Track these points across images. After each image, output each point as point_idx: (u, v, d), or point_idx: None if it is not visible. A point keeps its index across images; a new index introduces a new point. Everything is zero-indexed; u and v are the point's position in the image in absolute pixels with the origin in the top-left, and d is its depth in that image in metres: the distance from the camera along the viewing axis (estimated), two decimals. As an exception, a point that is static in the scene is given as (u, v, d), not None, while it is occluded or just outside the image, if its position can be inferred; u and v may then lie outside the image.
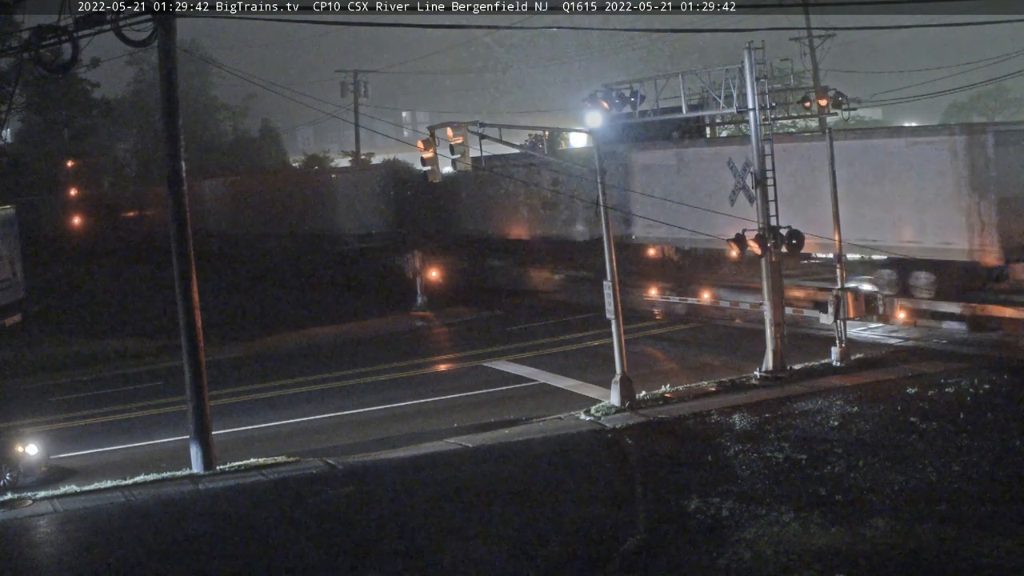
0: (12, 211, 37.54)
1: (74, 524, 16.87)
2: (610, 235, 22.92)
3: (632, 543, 14.89)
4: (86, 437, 22.92)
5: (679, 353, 27.81)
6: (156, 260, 41.76)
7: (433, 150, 22.58)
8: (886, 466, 17.04)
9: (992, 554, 13.66)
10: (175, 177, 19.38)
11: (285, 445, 21.04)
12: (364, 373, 27.65)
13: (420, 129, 62.29)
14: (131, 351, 32.12)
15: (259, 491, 18.02)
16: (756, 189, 24.06)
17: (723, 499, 16.07)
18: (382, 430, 22.10)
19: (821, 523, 14.88)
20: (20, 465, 19.52)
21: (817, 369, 24.06)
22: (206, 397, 19.62)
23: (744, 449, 18.50)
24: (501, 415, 22.49)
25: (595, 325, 28.43)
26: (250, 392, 26.43)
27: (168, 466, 19.60)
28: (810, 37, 48.26)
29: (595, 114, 23.54)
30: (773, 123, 26.16)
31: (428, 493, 17.47)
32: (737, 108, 24.53)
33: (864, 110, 57.28)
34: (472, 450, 19.77)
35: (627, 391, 22.20)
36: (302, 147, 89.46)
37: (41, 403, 26.34)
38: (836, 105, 27.01)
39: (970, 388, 21.10)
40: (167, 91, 19.32)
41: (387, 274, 41.77)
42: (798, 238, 23.55)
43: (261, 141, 76.37)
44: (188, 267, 19.43)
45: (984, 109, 75.24)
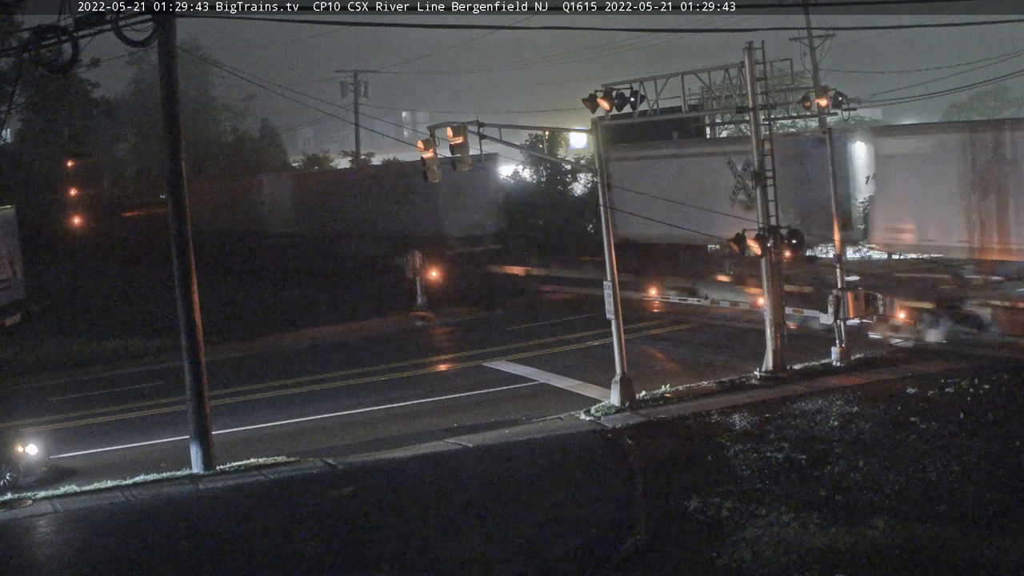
0: (12, 211, 37.56)
1: (74, 524, 16.88)
2: (610, 235, 22.91)
3: (632, 543, 14.90)
4: (86, 437, 22.92)
5: (679, 353, 27.82)
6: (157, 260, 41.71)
7: (433, 150, 22.59)
8: (886, 466, 17.05)
9: (992, 554, 13.66)
10: (175, 177, 19.38)
11: (285, 445, 21.04)
12: (364, 373, 27.65)
13: (420, 129, 62.30)
14: (131, 351, 32.10)
15: (259, 491, 18.02)
16: (756, 189, 24.08)
17: (723, 499, 16.07)
18: (382, 430, 22.11)
19: (821, 523, 14.88)
20: (20, 465, 19.51)
21: (817, 369, 24.07)
22: (206, 397, 19.62)
23: (744, 449, 18.50)
24: (501, 415, 22.49)
25: (596, 324, 28.45)
26: (250, 392, 26.43)
27: (168, 466, 19.61)
28: (810, 37, 48.25)
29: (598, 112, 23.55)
30: (773, 123, 26.20)
31: (428, 493, 17.48)
32: (737, 108, 24.57)
33: (864, 110, 57.33)
34: (472, 450, 19.77)
35: (627, 391, 22.20)
36: (302, 147, 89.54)
37: (41, 403, 26.34)
38: (836, 105, 26.97)
39: (970, 388, 21.11)
40: (167, 91, 19.32)
41: (387, 274, 41.71)
42: (798, 238, 23.56)
43: (261, 141, 76.36)
44: (188, 267, 19.43)
45: (984, 109, 75.27)
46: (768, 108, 24.57)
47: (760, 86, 23.78)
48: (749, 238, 23.33)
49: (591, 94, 23.55)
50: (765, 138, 23.99)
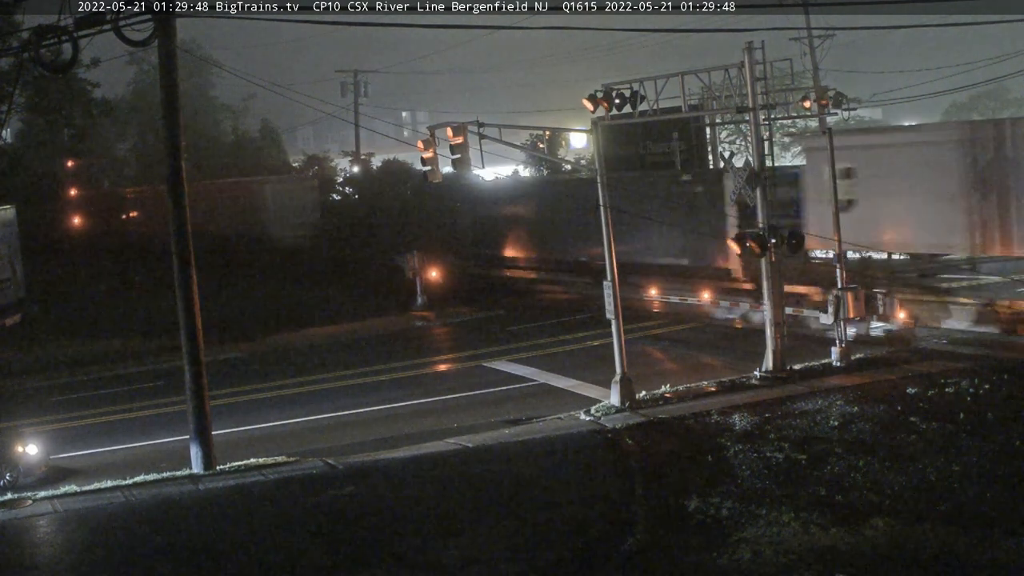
0: (12, 211, 37.53)
1: (74, 524, 16.88)
2: (610, 235, 22.91)
3: (632, 543, 14.89)
4: (86, 437, 22.92)
5: (679, 353, 27.82)
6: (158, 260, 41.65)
7: (433, 150, 22.59)
8: (886, 466, 17.05)
9: (992, 554, 13.66)
10: (175, 177, 19.38)
11: (285, 445, 21.04)
12: (364, 373, 27.66)
13: (420, 129, 62.36)
14: (131, 351, 32.10)
15: (259, 491, 18.02)
16: (756, 189, 24.08)
17: (723, 499, 16.07)
18: (382, 430, 22.10)
19: (821, 523, 14.88)
20: (20, 465, 19.51)
21: (817, 369, 24.07)
22: (206, 397, 19.62)
23: (744, 449, 18.50)
24: (501, 415, 22.49)
25: (596, 324, 28.44)
26: (250, 392, 26.43)
27: (168, 466, 19.60)
28: (810, 37, 48.24)
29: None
30: (773, 123, 26.20)
31: (428, 493, 17.48)
32: (737, 108, 24.57)
33: (864, 110, 57.28)
34: (472, 450, 19.76)
35: (627, 391, 22.20)
36: (302, 147, 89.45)
37: (41, 403, 26.34)
38: (836, 105, 26.99)
39: (970, 388, 21.10)
40: (167, 91, 19.33)
41: (387, 274, 41.69)
42: (798, 238, 23.57)
43: (261, 141, 76.31)
44: (188, 267, 19.43)
45: (984, 109, 75.29)
46: (768, 108, 24.57)
47: (760, 86, 23.79)
48: (749, 238, 23.35)
49: (591, 94, 23.56)
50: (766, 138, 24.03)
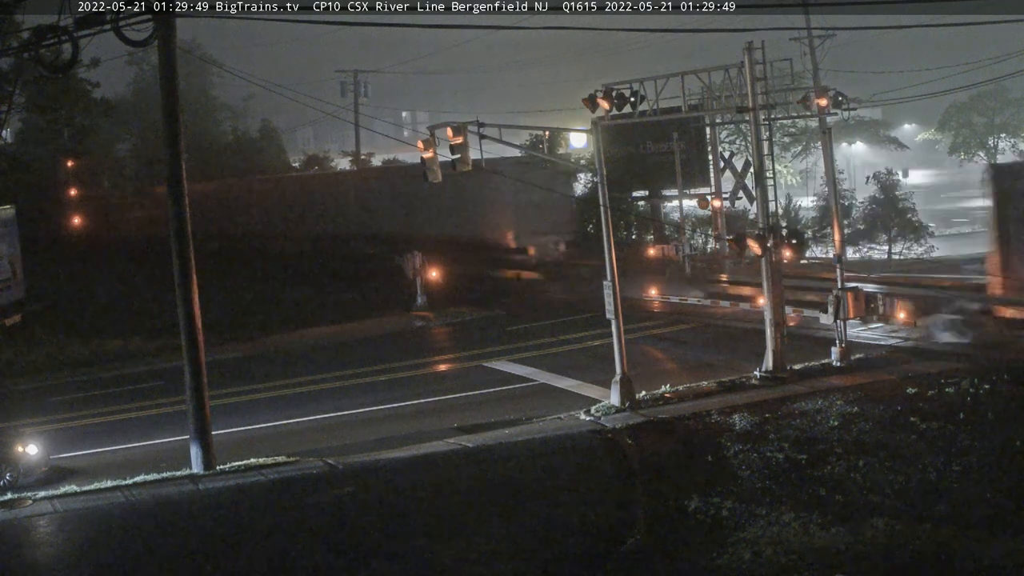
0: (12, 211, 37.51)
1: (74, 524, 16.88)
2: (610, 235, 22.90)
3: (632, 543, 14.90)
4: (86, 437, 22.91)
5: (679, 353, 27.81)
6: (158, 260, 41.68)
7: (433, 150, 22.58)
8: (886, 466, 17.05)
9: (992, 554, 13.67)
10: (175, 177, 19.38)
11: (285, 445, 21.03)
12: (364, 373, 27.65)
13: (420, 129, 62.24)
14: (131, 351, 32.09)
15: (259, 491, 18.02)
16: (756, 188, 24.10)
17: (723, 499, 16.07)
18: (382, 430, 22.09)
19: (821, 523, 14.89)
20: (20, 465, 19.50)
21: (817, 369, 24.07)
22: (206, 397, 19.62)
23: (744, 449, 18.49)
24: (501, 415, 22.48)
25: (596, 324, 28.44)
26: (250, 392, 26.42)
27: (168, 466, 19.59)
28: (810, 37, 48.20)
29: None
30: (773, 123, 26.20)
31: (428, 493, 17.48)
32: (737, 108, 24.57)
33: (864, 110, 57.20)
34: (472, 450, 19.76)
35: (627, 391, 22.19)
36: (302, 147, 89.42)
37: (41, 403, 26.32)
38: (836, 105, 26.99)
39: (970, 388, 21.09)
40: (167, 91, 19.32)
41: (387, 274, 41.68)
42: (798, 237, 23.57)
43: (261, 141, 76.30)
44: (188, 267, 19.42)
45: (984, 109, 75.28)
46: (768, 108, 24.57)
47: (760, 86, 23.79)
48: (749, 238, 23.35)
49: (591, 94, 23.56)
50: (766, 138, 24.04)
